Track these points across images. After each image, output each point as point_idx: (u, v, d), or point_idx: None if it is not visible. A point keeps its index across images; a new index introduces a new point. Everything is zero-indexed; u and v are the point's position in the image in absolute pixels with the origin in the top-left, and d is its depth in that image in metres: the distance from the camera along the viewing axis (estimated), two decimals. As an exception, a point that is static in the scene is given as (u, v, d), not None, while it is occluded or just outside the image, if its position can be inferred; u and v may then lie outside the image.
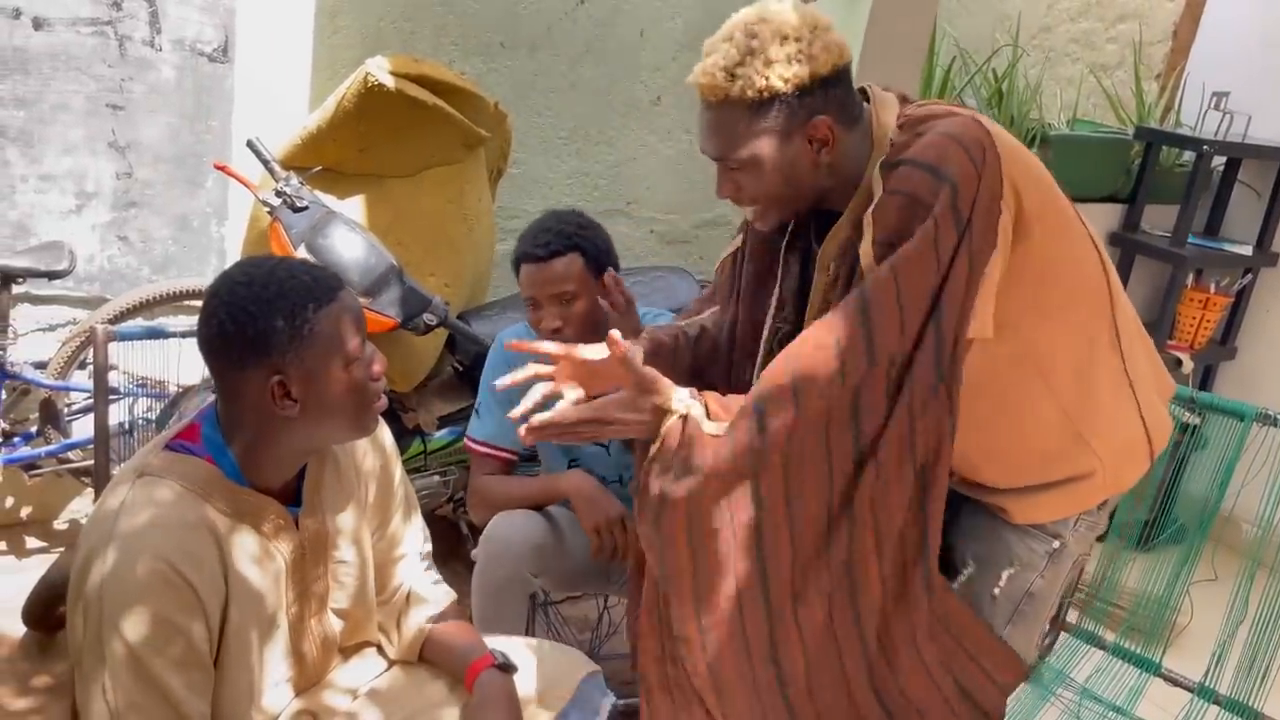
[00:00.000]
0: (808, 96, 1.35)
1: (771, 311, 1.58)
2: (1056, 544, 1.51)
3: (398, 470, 1.60)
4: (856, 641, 1.38)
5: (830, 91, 1.37)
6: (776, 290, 1.58)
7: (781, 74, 1.34)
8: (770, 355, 1.55)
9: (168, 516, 1.26)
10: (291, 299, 1.28)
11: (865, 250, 1.33)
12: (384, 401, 1.41)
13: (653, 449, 1.39)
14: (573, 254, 1.97)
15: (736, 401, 1.38)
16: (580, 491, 1.96)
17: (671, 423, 1.38)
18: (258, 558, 1.34)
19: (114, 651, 1.21)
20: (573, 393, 1.52)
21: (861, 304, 1.29)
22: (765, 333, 1.59)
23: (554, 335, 1.98)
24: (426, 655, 1.59)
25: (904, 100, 1.45)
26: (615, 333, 1.43)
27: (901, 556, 1.37)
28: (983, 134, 1.31)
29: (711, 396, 1.42)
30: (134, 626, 1.21)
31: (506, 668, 1.52)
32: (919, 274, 1.27)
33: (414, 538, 1.64)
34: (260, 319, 1.26)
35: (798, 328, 1.48)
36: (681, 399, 1.40)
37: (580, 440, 1.59)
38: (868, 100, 1.44)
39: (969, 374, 1.32)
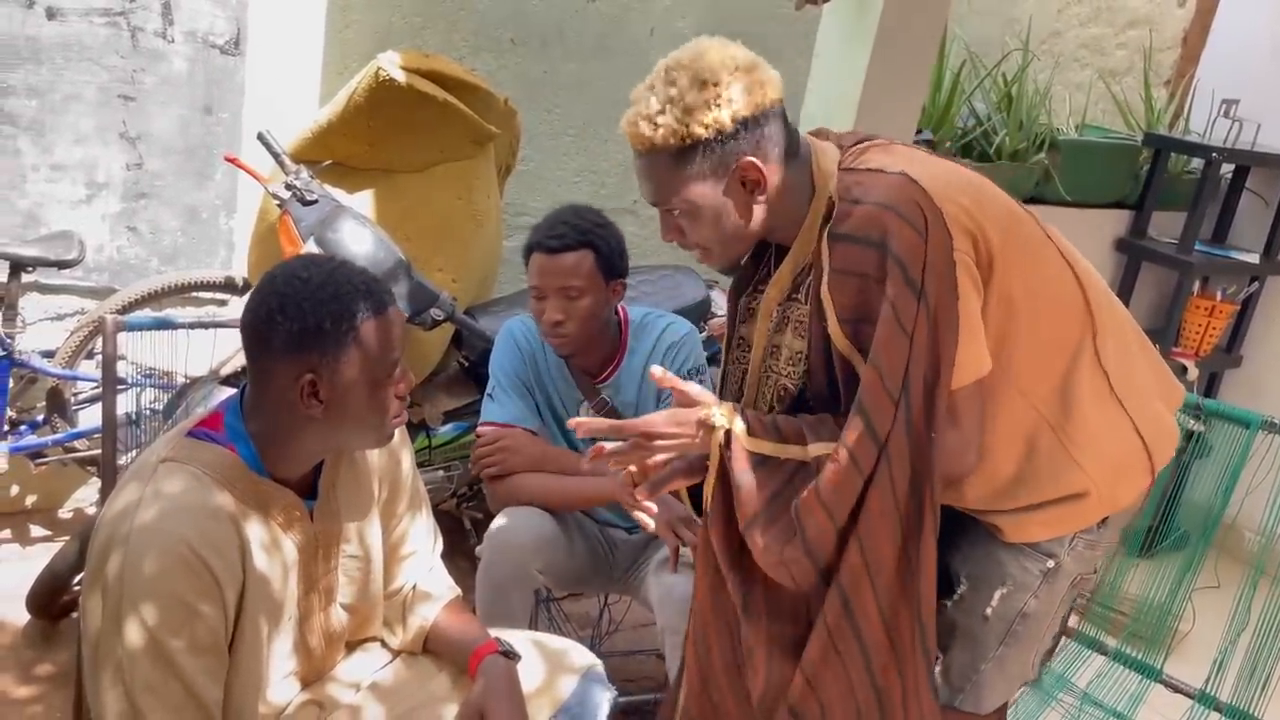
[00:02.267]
0: (731, 140, 1.35)
1: (729, 351, 1.62)
2: (1051, 563, 1.48)
3: (409, 469, 1.61)
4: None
5: (756, 132, 1.36)
6: (734, 329, 1.60)
7: (701, 120, 1.33)
8: (724, 391, 1.62)
9: (190, 502, 1.27)
10: (344, 303, 1.29)
11: (834, 331, 1.36)
12: (405, 417, 1.42)
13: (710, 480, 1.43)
14: (585, 250, 1.97)
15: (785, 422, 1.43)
16: None
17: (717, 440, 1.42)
18: (273, 548, 1.35)
19: (132, 634, 1.21)
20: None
21: (859, 407, 1.32)
22: (725, 370, 1.63)
23: (554, 329, 1.99)
24: (430, 646, 1.59)
25: (841, 147, 1.46)
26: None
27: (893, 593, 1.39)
28: (918, 194, 1.31)
29: (751, 415, 1.45)
30: (153, 610, 1.22)
31: (510, 654, 1.53)
32: (894, 357, 1.30)
33: (424, 536, 1.65)
34: (309, 316, 1.28)
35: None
36: (722, 413, 1.42)
37: (637, 463, 1.56)
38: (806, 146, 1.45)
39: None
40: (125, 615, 1.22)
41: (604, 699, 1.60)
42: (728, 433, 1.41)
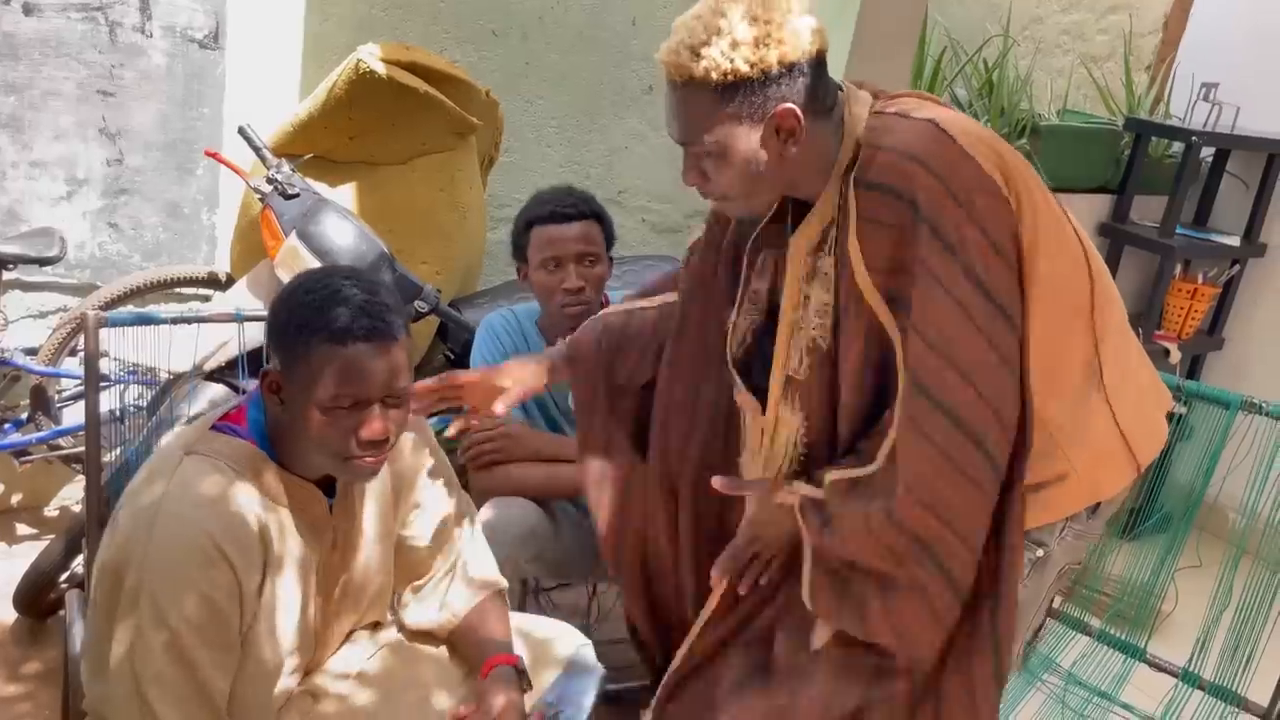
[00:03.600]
0: (774, 83, 1.29)
1: (740, 305, 1.55)
2: (1040, 552, 1.47)
3: (426, 454, 1.58)
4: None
5: (799, 80, 1.31)
6: (741, 284, 1.54)
7: (747, 57, 1.28)
8: (746, 345, 1.55)
9: (214, 495, 1.27)
10: (314, 316, 1.27)
11: (863, 281, 1.31)
12: (376, 463, 1.34)
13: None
14: (593, 219, 2.04)
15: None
16: None
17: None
18: (292, 543, 1.36)
19: (148, 623, 1.22)
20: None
21: (915, 382, 1.27)
22: (734, 323, 1.55)
23: (576, 296, 1.99)
24: (453, 639, 1.60)
25: (877, 96, 1.41)
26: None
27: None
28: (946, 143, 1.26)
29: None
30: (173, 601, 1.22)
31: (522, 674, 1.52)
32: (946, 325, 1.25)
33: (447, 522, 1.61)
34: (284, 315, 1.30)
35: (771, 320, 1.47)
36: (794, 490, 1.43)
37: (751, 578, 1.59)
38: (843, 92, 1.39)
39: None
40: (144, 604, 1.22)
41: (590, 684, 1.61)
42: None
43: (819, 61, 1.33)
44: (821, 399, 1.42)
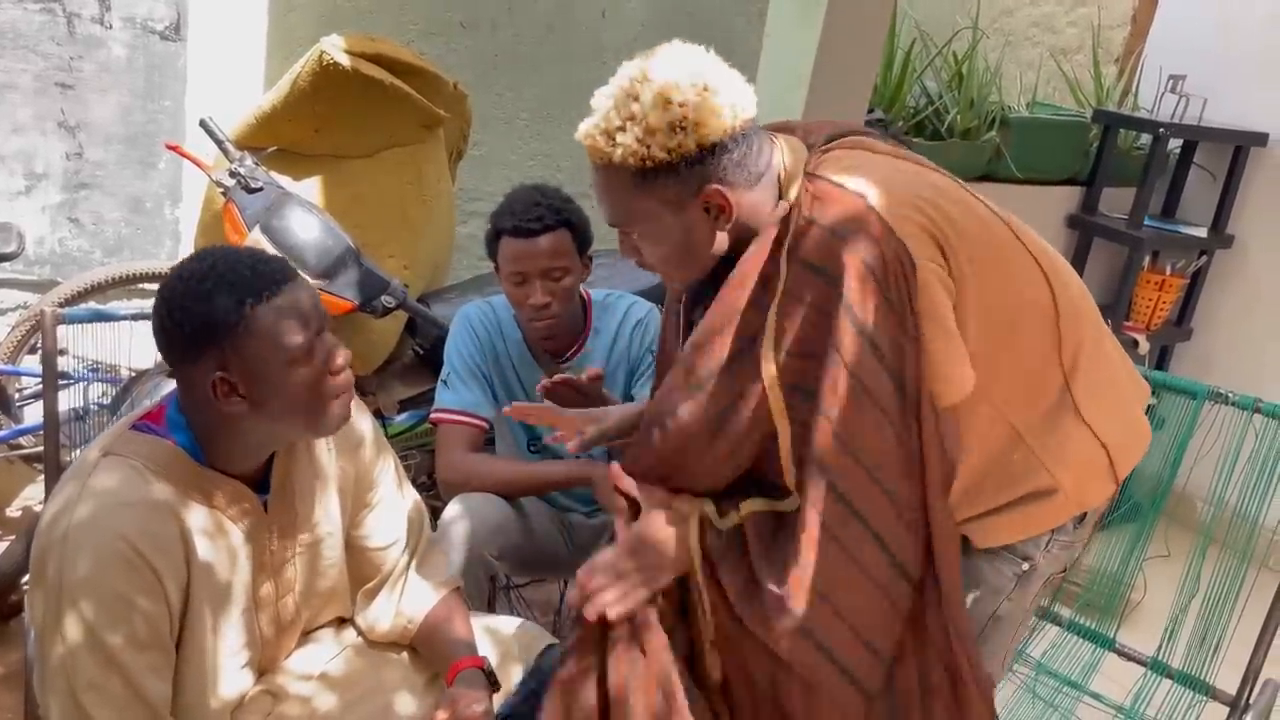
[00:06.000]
0: (697, 165, 1.25)
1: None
2: (1026, 565, 1.44)
3: (380, 453, 1.57)
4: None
5: (723, 157, 1.25)
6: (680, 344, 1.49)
7: (664, 144, 1.23)
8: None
9: (128, 497, 1.25)
10: (226, 295, 1.24)
11: (766, 371, 1.27)
12: (349, 395, 1.36)
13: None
14: (562, 230, 1.96)
15: None
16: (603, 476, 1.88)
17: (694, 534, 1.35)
18: (218, 538, 1.33)
19: (72, 633, 1.19)
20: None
21: (821, 465, 1.25)
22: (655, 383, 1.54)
23: (541, 311, 1.97)
24: (415, 643, 1.57)
25: (810, 145, 1.36)
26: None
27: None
28: (874, 223, 1.23)
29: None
30: (92, 607, 1.20)
31: (490, 677, 1.50)
32: (855, 420, 1.23)
33: (399, 521, 1.60)
34: (196, 314, 1.24)
35: None
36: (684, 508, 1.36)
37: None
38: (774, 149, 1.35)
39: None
40: (65, 614, 1.19)
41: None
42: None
43: (748, 134, 1.28)
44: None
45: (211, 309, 1.23)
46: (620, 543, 1.38)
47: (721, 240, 1.32)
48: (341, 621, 1.61)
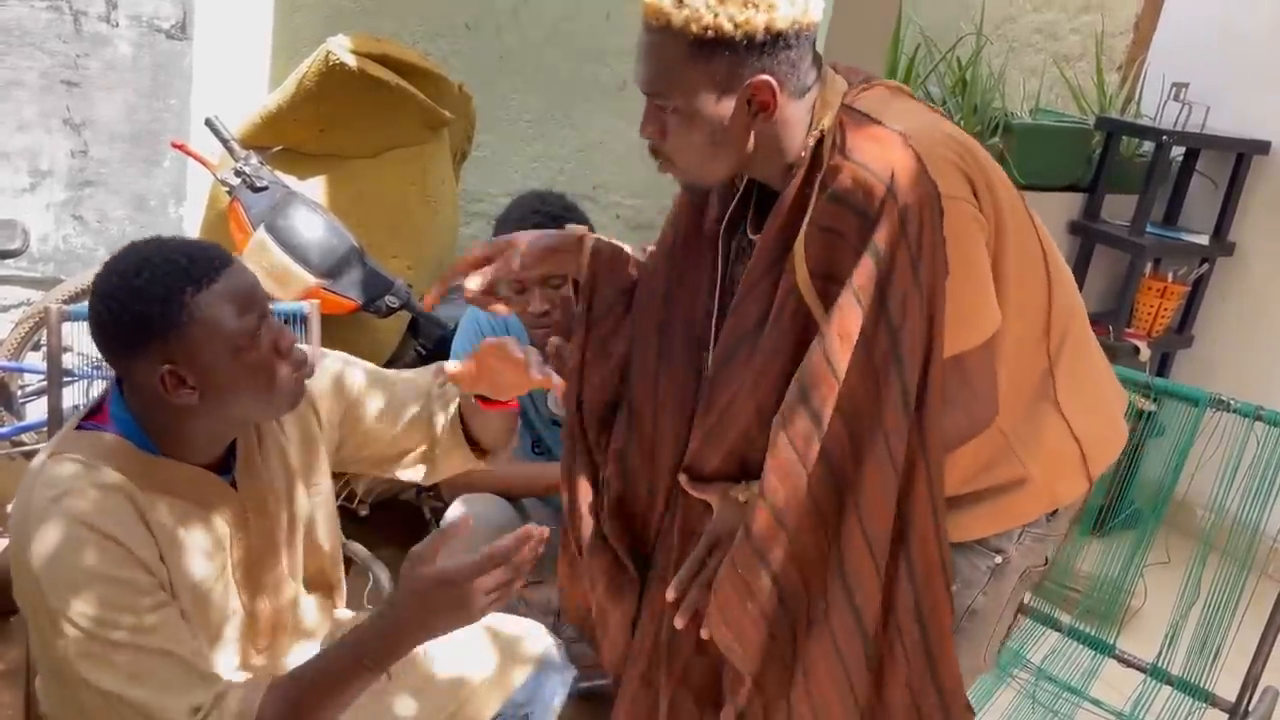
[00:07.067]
0: (756, 50, 1.19)
1: (717, 294, 1.45)
2: (999, 559, 1.43)
3: (345, 383, 1.55)
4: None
5: (783, 52, 1.21)
6: (719, 273, 1.44)
7: (733, 16, 1.17)
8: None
9: (77, 485, 1.23)
10: (164, 284, 1.22)
11: (804, 284, 1.25)
12: (302, 373, 1.33)
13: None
14: None
15: None
16: None
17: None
18: (190, 526, 1.31)
19: (69, 629, 1.18)
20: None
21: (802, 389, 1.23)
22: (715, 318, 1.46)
23: (541, 319, 1.97)
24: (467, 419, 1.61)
25: (850, 83, 1.32)
26: None
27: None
28: (911, 161, 1.21)
29: None
30: (78, 595, 1.18)
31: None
32: (849, 347, 1.22)
33: (398, 386, 1.61)
34: (134, 308, 1.21)
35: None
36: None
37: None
38: (820, 74, 1.31)
39: None
40: (56, 615, 1.18)
41: (560, 684, 1.60)
42: None
43: (809, 37, 1.24)
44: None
45: (150, 301, 1.21)
46: (702, 543, 1.39)
47: (752, 141, 1.26)
48: (331, 596, 1.60)
